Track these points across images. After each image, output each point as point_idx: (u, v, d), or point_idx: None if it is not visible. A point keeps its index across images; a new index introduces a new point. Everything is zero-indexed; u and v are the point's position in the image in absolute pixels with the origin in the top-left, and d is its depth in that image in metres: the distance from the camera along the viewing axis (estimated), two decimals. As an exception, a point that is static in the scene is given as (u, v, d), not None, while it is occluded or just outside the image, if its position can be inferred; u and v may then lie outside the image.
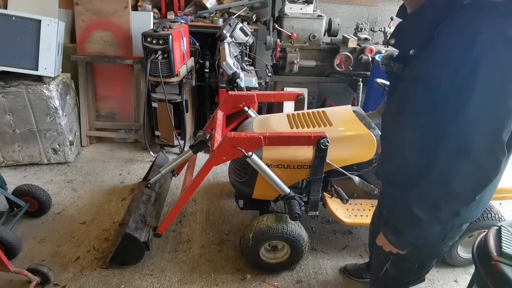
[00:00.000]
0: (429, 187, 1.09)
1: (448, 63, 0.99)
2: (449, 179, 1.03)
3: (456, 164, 1.01)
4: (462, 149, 0.99)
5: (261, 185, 2.06)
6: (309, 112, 2.31)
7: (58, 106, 3.01)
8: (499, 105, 0.94)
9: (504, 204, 3.00)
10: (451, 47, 0.99)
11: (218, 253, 2.34)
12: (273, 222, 2.03)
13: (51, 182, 3.00)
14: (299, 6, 3.48)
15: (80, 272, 2.12)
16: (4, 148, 3.05)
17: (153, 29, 2.99)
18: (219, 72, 3.33)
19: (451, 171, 1.02)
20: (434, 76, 1.02)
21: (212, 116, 2.47)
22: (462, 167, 1.00)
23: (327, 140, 1.86)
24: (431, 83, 1.03)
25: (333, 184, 2.16)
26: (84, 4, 3.26)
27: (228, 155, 1.91)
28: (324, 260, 2.33)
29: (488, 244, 1.33)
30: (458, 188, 1.02)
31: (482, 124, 0.96)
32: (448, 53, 0.99)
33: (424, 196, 1.10)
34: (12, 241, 2.09)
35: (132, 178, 3.11)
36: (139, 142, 3.69)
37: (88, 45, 3.37)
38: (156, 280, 2.11)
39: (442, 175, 1.04)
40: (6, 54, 2.80)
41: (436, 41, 1.04)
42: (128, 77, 3.49)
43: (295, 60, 3.46)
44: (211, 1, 3.71)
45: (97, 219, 2.58)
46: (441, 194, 1.06)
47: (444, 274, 2.26)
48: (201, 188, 2.97)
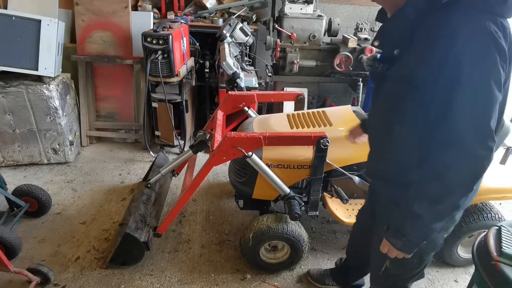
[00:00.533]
0: (426, 182, 1.09)
1: (432, 59, 1.01)
2: (444, 171, 1.04)
3: (450, 155, 1.03)
4: (453, 140, 1.02)
5: (261, 185, 2.06)
6: (309, 112, 2.31)
7: (58, 106, 3.01)
8: (485, 94, 0.98)
9: (504, 204, 3.00)
10: (434, 44, 1.02)
11: (218, 253, 2.34)
12: (273, 222, 2.03)
13: (51, 182, 3.00)
14: (299, 6, 3.48)
15: (80, 272, 2.12)
16: (4, 148, 3.05)
17: (153, 29, 2.99)
18: (219, 72, 3.33)
19: (445, 163, 1.04)
20: (419, 73, 1.05)
21: (212, 116, 2.47)
22: (456, 158, 1.02)
23: (327, 140, 1.86)
24: (417, 81, 1.06)
25: (333, 184, 2.16)
26: (84, 4, 3.26)
27: (228, 155, 1.91)
28: (324, 260, 2.33)
29: (488, 244, 1.34)
30: (455, 180, 1.04)
31: (471, 114, 0.99)
32: (431, 50, 1.02)
33: (423, 192, 1.10)
34: (12, 241, 2.09)
35: (132, 178, 3.11)
36: (139, 142, 3.69)
37: (88, 45, 3.37)
38: (156, 280, 2.12)
39: (437, 169, 1.06)
40: (6, 54, 2.80)
41: (418, 40, 1.07)
42: (128, 77, 3.49)
43: (295, 60, 3.46)
44: (211, 1, 3.71)
45: (97, 219, 2.58)
46: (439, 188, 1.06)
47: (444, 274, 2.26)
48: (201, 188, 2.97)
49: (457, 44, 0.96)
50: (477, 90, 0.98)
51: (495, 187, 2.00)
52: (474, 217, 2.04)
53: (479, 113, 0.99)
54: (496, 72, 0.97)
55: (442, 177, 1.05)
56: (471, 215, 2.05)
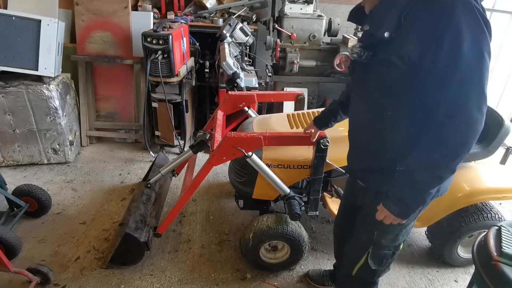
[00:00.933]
0: (427, 151, 1.15)
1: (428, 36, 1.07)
2: (447, 138, 1.10)
3: (451, 123, 1.09)
4: (454, 108, 1.08)
5: (261, 185, 2.06)
6: (309, 112, 2.31)
7: (58, 106, 3.01)
8: (480, 63, 1.05)
9: (504, 204, 3.01)
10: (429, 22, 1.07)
11: (218, 253, 2.34)
12: (273, 222, 2.03)
13: (51, 182, 3.00)
14: (299, 6, 3.48)
15: (80, 272, 2.12)
16: (4, 148, 3.05)
17: (153, 29, 2.99)
18: (219, 72, 3.33)
19: (448, 130, 1.10)
20: (415, 52, 1.10)
21: (212, 116, 2.47)
22: (456, 124, 1.09)
23: (327, 140, 1.86)
24: (412, 60, 1.11)
25: (333, 184, 2.16)
26: (84, 4, 3.26)
27: (228, 155, 1.91)
28: (324, 260, 2.33)
29: (488, 244, 1.34)
30: (456, 145, 1.11)
31: (470, 82, 1.06)
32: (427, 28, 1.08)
33: (424, 161, 1.16)
34: (12, 241, 2.09)
35: (132, 178, 3.11)
36: (139, 142, 3.69)
37: (88, 45, 3.37)
38: (156, 280, 2.12)
39: (439, 136, 1.12)
40: (6, 54, 2.80)
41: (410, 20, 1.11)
42: (128, 77, 3.50)
43: (295, 60, 3.46)
44: (211, 1, 3.71)
45: (97, 219, 2.58)
46: (440, 154, 1.13)
47: (444, 274, 2.26)
48: (201, 188, 2.97)
49: (455, 17, 1.03)
50: (475, 59, 1.05)
51: (495, 187, 2.00)
52: (474, 217, 2.04)
53: (477, 80, 1.06)
54: (487, 43, 1.06)
55: (446, 144, 1.11)
56: (471, 215, 2.05)
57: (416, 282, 2.20)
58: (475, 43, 1.04)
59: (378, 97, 1.27)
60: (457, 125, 1.08)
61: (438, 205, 1.93)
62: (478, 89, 1.07)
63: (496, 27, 3.63)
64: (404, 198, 1.22)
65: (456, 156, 1.12)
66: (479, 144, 1.97)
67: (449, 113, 1.09)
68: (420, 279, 2.22)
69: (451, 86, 1.07)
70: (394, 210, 1.25)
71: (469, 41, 1.03)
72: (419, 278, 2.23)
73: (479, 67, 1.05)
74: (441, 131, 1.11)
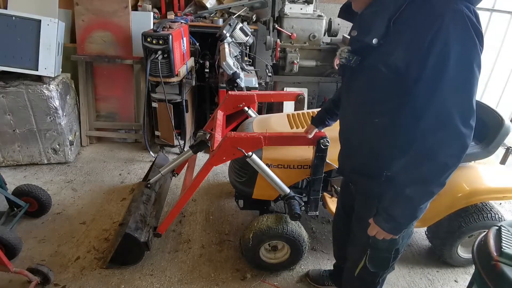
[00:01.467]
0: (416, 165, 1.12)
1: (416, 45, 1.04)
2: (436, 151, 1.07)
3: (439, 135, 1.06)
4: (442, 120, 1.05)
5: (261, 185, 2.06)
6: (309, 112, 2.31)
7: (58, 106, 3.01)
8: (469, 76, 1.02)
9: (504, 204, 3.01)
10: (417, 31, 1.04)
11: (218, 253, 2.34)
12: (273, 222, 2.03)
13: (51, 182, 3.00)
14: (299, 6, 3.48)
15: (80, 272, 2.12)
16: (4, 148, 3.05)
17: (153, 29, 2.99)
18: (219, 72, 3.33)
19: (436, 143, 1.07)
20: (402, 60, 1.08)
21: (212, 116, 2.47)
22: (445, 137, 1.06)
23: (327, 140, 1.86)
24: (399, 68, 1.09)
25: (333, 184, 2.16)
26: (84, 4, 3.26)
27: (228, 155, 1.91)
28: (324, 260, 2.33)
29: (488, 244, 1.34)
30: (445, 158, 1.07)
31: (457, 94, 1.03)
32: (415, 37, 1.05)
33: (413, 175, 1.13)
34: (12, 241, 2.09)
35: (132, 178, 3.11)
36: (139, 142, 3.69)
37: (88, 45, 3.37)
38: (156, 280, 2.12)
39: (427, 150, 1.09)
40: (6, 54, 2.80)
41: (399, 27, 1.09)
42: (128, 77, 3.49)
43: (295, 60, 3.46)
44: (211, 1, 3.71)
45: (97, 219, 2.58)
46: (430, 168, 1.10)
47: (444, 274, 2.26)
48: (201, 188, 2.97)
49: (443, 28, 0.99)
50: (462, 72, 1.02)
51: (495, 187, 2.00)
52: (474, 217, 2.04)
53: (464, 94, 1.03)
54: (477, 55, 1.02)
55: (434, 158, 1.08)
56: (471, 215, 2.05)
57: (416, 282, 2.20)
58: (464, 55, 1.01)
59: (365, 103, 1.26)
60: (442, 137, 1.06)
61: (438, 205, 1.93)
62: (464, 104, 1.03)
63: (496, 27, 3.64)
64: (395, 215, 1.19)
65: (445, 170, 1.09)
66: (479, 144, 1.97)
67: (435, 127, 1.06)
68: (420, 279, 2.22)
69: (436, 99, 1.04)
70: (385, 226, 1.23)
71: (457, 53, 1.00)
72: (419, 278, 2.23)
73: (467, 81, 1.02)
74: (428, 144, 1.08)
